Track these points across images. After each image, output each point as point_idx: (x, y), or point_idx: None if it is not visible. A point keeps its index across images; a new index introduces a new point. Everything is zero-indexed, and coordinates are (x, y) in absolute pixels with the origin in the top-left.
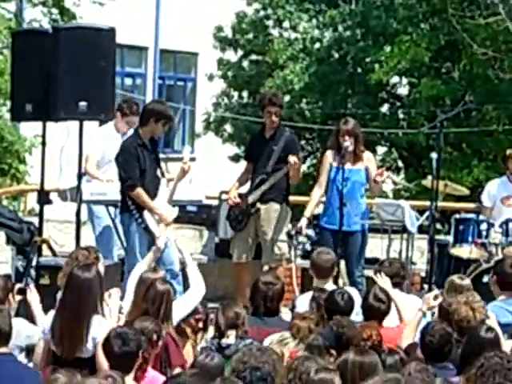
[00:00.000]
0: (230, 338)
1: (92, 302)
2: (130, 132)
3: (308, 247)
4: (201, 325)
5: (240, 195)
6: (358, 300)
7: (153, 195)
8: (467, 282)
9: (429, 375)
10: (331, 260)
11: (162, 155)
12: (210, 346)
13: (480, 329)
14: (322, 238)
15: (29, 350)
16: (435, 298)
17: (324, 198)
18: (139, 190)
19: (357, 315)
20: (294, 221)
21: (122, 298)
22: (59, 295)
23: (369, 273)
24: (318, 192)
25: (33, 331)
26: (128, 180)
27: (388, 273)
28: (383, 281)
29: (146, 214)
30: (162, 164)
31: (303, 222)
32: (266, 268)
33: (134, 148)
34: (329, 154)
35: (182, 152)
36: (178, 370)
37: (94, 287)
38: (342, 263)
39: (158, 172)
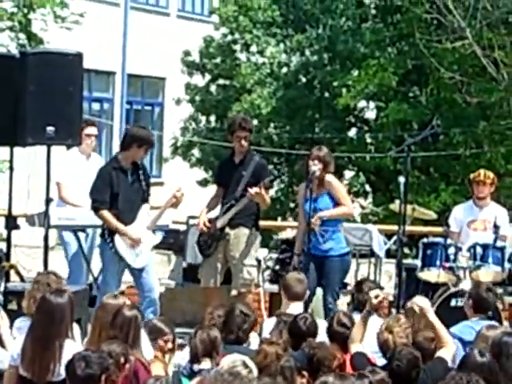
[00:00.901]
0: (203, 363)
1: (64, 326)
2: (94, 155)
3: (277, 268)
4: (170, 345)
5: (209, 220)
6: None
7: (127, 220)
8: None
9: None
10: (303, 281)
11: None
12: (182, 370)
13: (474, 353)
14: (303, 263)
15: None
16: (376, 296)
17: (293, 223)
18: (103, 213)
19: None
20: (262, 246)
21: None
22: (18, 321)
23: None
24: (301, 227)
25: (2, 356)
26: (94, 202)
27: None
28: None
29: (116, 238)
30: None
31: (295, 261)
32: (234, 292)
33: (107, 172)
34: (300, 187)
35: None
36: None
37: (66, 312)
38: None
39: (141, 198)
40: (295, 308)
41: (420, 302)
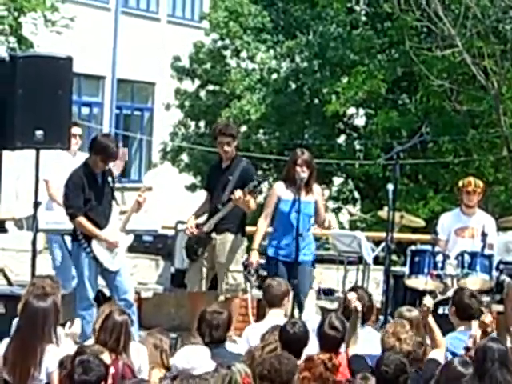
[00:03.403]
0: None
1: (46, 331)
2: (80, 154)
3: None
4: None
5: (197, 225)
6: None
7: (101, 224)
8: (415, 313)
9: None
10: (284, 287)
11: (118, 185)
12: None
13: (455, 362)
14: (276, 269)
15: None
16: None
17: (270, 229)
18: (80, 219)
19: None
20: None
21: None
22: (14, 322)
23: (325, 304)
24: (264, 224)
25: None
26: (68, 209)
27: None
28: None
29: (93, 243)
30: (118, 194)
31: (254, 257)
32: (221, 298)
33: (79, 177)
34: (278, 186)
35: (143, 180)
36: None
37: (48, 316)
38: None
39: (110, 201)
40: (275, 314)
41: (429, 302)
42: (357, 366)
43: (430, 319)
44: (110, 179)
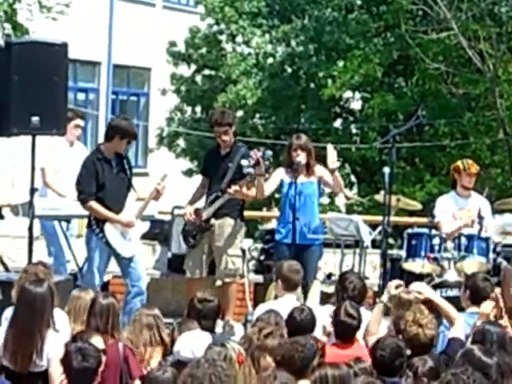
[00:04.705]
0: None
1: (45, 316)
2: (78, 144)
3: (262, 258)
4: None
5: (196, 211)
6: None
7: (115, 209)
8: (413, 295)
9: None
10: (300, 272)
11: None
12: (166, 360)
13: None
14: (277, 252)
15: None
16: (397, 287)
17: (278, 213)
18: (91, 204)
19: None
20: (247, 236)
21: None
22: (7, 311)
23: (323, 288)
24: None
25: None
26: (80, 194)
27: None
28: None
29: (107, 227)
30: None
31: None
32: (219, 283)
33: (91, 162)
34: (280, 169)
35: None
36: (138, 383)
37: (46, 301)
38: None
39: (126, 187)
40: (290, 298)
41: (417, 288)
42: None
43: (437, 299)
44: (126, 166)
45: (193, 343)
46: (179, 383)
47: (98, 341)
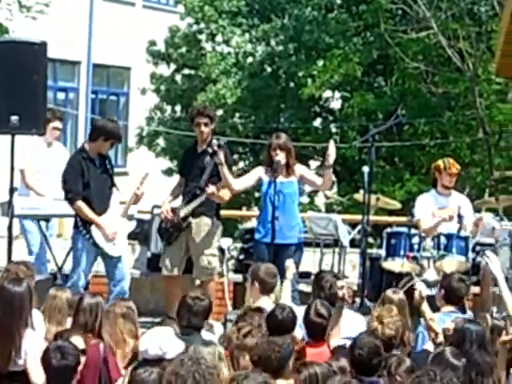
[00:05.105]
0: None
1: (24, 315)
2: (56, 143)
3: (241, 257)
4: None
5: (172, 209)
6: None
7: (100, 208)
8: (399, 296)
9: None
10: (277, 275)
11: None
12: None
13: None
14: (256, 251)
15: None
16: (341, 287)
17: (257, 212)
18: (79, 204)
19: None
20: (227, 235)
21: None
22: None
23: (301, 287)
24: (234, 182)
25: None
26: (68, 193)
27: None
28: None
29: (94, 228)
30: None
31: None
32: (197, 282)
33: (77, 162)
34: (260, 168)
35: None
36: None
37: (25, 301)
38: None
39: (110, 186)
40: (266, 301)
41: (422, 288)
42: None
43: (425, 308)
44: (108, 166)
45: (159, 340)
46: (163, 382)
47: (78, 340)
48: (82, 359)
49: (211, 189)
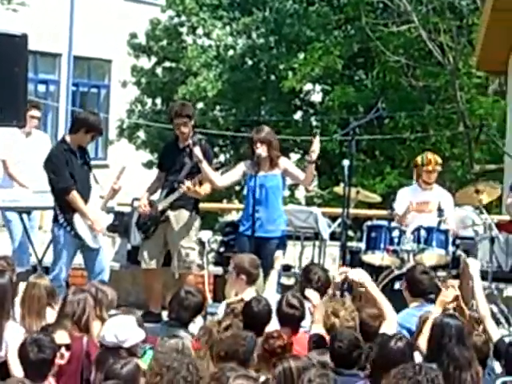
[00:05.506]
0: None
1: (5, 307)
2: (35, 132)
3: (221, 250)
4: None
5: (150, 202)
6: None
7: (83, 201)
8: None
9: (329, 380)
10: (259, 265)
11: None
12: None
13: (390, 340)
14: (238, 243)
15: None
16: (340, 273)
17: (237, 205)
18: (74, 193)
19: None
20: (207, 228)
21: None
22: None
23: (282, 280)
24: (217, 178)
25: None
26: (63, 183)
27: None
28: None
29: (76, 219)
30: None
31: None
32: (176, 275)
33: (60, 153)
34: (243, 163)
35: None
36: None
37: (7, 292)
38: None
39: (91, 178)
40: (251, 292)
41: (356, 275)
42: (317, 344)
43: (371, 288)
44: (88, 159)
45: (116, 328)
46: (152, 377)
47: (63, 335)
48: (67, 354)
49: (186, 184)
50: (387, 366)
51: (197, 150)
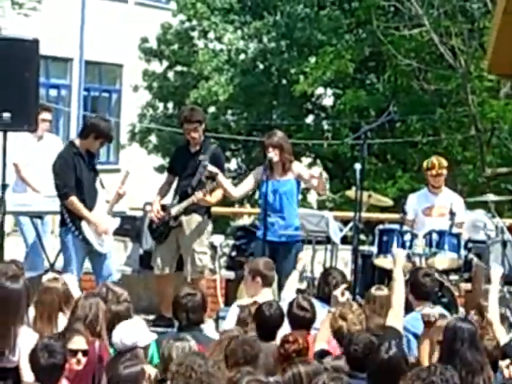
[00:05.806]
0: None
1: (20, 312)
2: (47, 136)
3: (233, 254)
4: None
5: (163, 207)
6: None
7: (90, 205)
8: (382, 292)
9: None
10: (274, 267)
11: None
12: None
13: (380, 350)
14: (254, 247)
15: None
16: (342, 294)
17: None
18: (73, 199)
19: None
20: (219, 232)
21: None
22: None
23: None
24: (234, 191)
25: None
26: (62, 188)
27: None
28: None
29: (83, 224)
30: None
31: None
32: (188, 280)
33: (70, 157)
34: (258, 169)
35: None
36: None
37: (22, 298)
38: None
39: (97, 183)
40: (268, 293)
41: (400, 253)
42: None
43: (397, 273)
44: (94, 161)
45: (123, 331)
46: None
47: (80, 341)
48: (84, 360)
49: (199, 195)
50: (381, 375)
51: (211, 167)
